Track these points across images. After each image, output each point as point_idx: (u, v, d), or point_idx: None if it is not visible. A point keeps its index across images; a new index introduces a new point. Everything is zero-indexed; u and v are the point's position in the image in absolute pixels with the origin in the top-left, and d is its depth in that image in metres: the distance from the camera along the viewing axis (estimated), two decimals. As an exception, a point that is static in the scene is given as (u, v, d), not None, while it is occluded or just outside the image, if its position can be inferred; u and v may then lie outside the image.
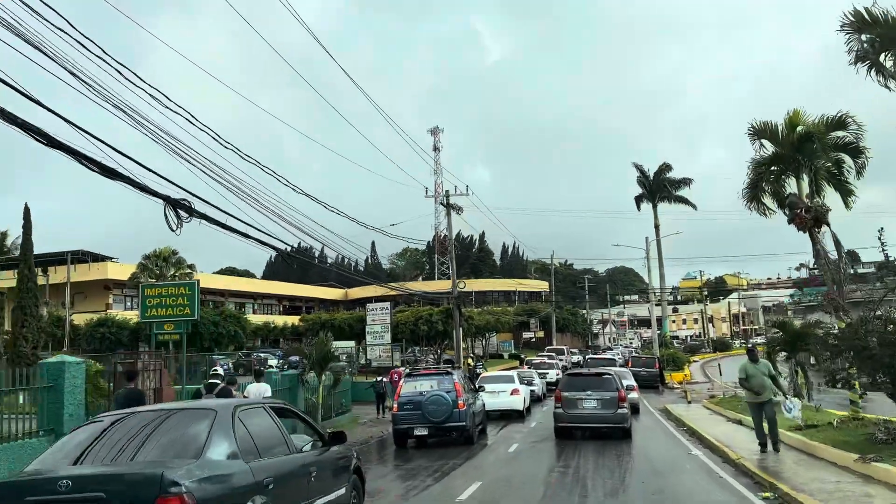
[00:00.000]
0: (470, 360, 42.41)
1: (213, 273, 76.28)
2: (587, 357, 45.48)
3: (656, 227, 60.99)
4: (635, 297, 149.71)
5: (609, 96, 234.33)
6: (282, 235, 16.45)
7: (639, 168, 64.79)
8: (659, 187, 63.35)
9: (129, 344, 44.60)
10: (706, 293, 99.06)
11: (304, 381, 18.68)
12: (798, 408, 12.44)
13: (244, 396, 15.60)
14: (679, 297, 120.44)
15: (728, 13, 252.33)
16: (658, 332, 58.45)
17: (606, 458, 13.82)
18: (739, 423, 18.27)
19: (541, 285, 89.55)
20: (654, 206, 63.27)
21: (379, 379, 26.62)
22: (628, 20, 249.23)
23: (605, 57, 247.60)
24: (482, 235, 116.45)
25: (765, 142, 15.22)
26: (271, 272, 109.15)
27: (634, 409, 21.53)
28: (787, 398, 12.09)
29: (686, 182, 64.59)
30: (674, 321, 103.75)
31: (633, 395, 23.21)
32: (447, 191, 38.55)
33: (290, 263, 15.67)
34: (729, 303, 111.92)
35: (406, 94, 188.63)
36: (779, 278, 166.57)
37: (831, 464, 11.05)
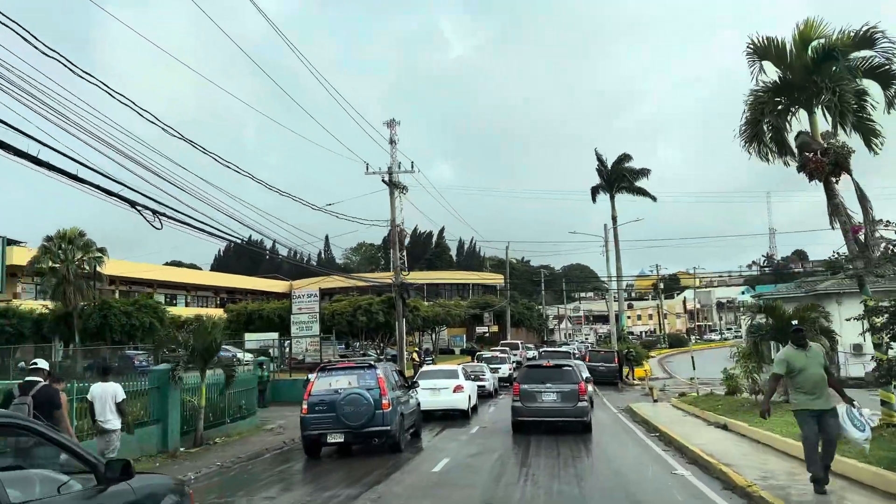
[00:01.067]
0: (415, 355, 38.66)
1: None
2: (541, 350, 42.48)
3: (614, 218, 58.36)
4: (591, 294, 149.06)
5: (572, 96, 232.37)
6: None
7: (598, 156, 62.57)
8: (617, 177, 61.44)
9: (31, 336, 39.67)
10: (662, 287, 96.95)
11: (177, 379, 14.50)
12: (871, 424, 8.44)
13: (88, 399, 11.72)
14: (633, 294, 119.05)
15: (689, 15, 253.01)
16: (617, 325, 55.49)
17: (563, 481, 10.11)
18: (724, 428, 14.84)
19: (496, 278, 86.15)
20: (612, 197, 61.48)
21: (309, 377, 22.46)
22: (592, 20, 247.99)
23: (568, 57, 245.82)
24: (441, 231, 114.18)
25: (767, 66, 11.73)
26: (220, 265, 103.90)
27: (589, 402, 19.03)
28: (853, 406, 8.15)
29: (644, 172, 62.71)
30: (629, 317, 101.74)
31: (588, 388, 20.74)
32: (389, 167, 34.39)
33: (157, 227, 11.54)
34: (685, 297, 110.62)
35: (371, 91, 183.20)
36: (730, 275, 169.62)
37: (890, 497, 7.53)
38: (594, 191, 62.71)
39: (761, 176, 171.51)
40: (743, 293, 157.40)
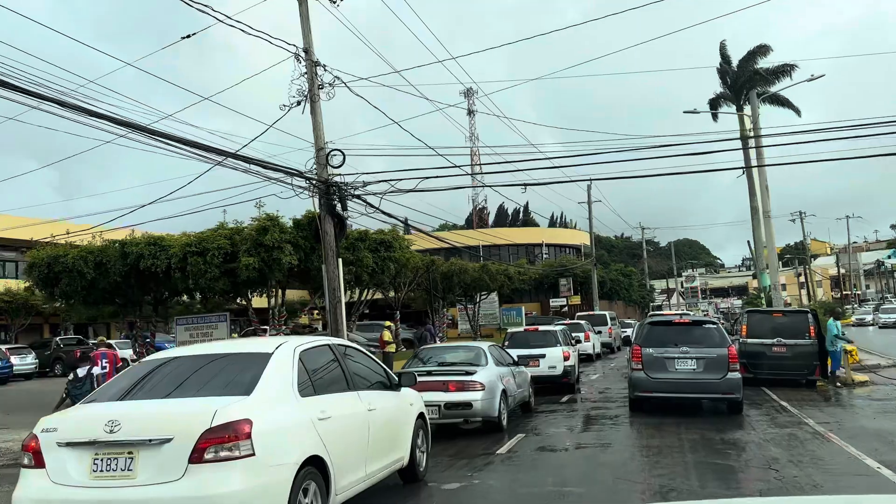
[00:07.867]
0: (387, 334, 20.12)
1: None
2: (651, 313, 23.73)
3: (743, 138, 36.61)
4: (702, 271, 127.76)
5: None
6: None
7: (722, 52, 40.45)
8: (748, 79, 39.36)
9: None
10: (808, 243, 73.19)
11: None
12: None
13: None
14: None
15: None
16: (766, 283, 34.35)
17: None
18: None
19: (579, 237, 65.86)
20: (740, 108, 39.51)
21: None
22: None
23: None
24: (525, 207, 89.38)
25: None
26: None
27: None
28: None
29: (787, 71, 40.11)
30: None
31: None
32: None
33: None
34: (838, 256, 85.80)
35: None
36: (866, 240, 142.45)
37: None
38: (713, 103, 41.23)
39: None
40: (889, 256, 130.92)
